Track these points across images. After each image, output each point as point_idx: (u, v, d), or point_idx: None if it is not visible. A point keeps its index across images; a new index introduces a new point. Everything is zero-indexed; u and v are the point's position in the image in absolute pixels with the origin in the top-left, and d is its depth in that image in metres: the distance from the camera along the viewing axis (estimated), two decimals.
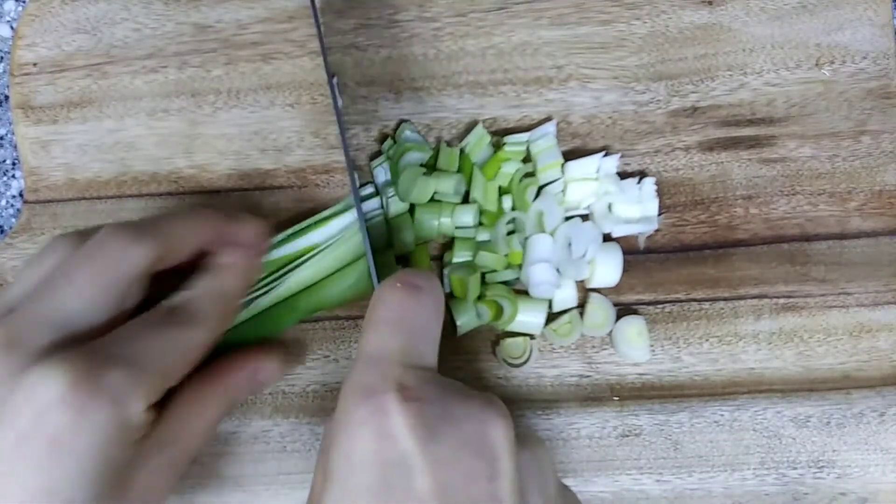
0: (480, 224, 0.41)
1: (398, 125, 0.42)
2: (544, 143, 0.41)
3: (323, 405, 0.41)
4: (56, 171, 0.43)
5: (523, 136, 0.41)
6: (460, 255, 0.40)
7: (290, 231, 0.39)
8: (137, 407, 0.29)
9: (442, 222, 0.40)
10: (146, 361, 0.30)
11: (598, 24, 0.42)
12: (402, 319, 0.31)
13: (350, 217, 0.39)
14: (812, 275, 0.41)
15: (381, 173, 0.41)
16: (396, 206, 0.40)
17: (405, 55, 0.43)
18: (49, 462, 0.28)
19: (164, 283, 0.34)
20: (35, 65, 0.44)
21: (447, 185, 0.40)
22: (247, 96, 0.43)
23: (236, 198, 0.42)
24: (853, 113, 0.42)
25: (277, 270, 0.39)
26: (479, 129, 0.41)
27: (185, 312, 0.33)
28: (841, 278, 0.41)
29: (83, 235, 0.33)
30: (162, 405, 0.32)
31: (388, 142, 0.42)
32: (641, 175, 0.42)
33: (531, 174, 0.41)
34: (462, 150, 0.41)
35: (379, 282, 0.34)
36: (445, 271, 0.40)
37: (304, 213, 0.42)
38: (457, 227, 0.40)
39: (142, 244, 0.32)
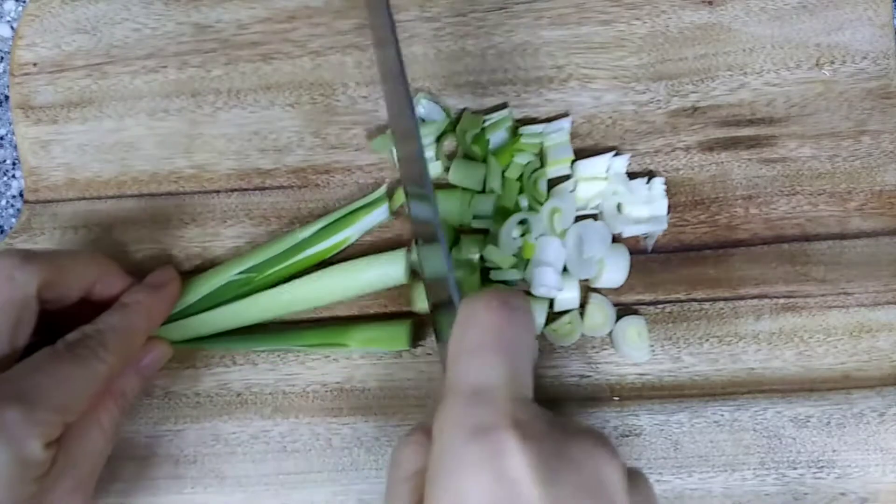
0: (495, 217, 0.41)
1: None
2: (558, 137, 0.41)
3: (323, 405, 0.41)
4: (56, 170, 0.43)
5: (538, 128, 0.41)
6: (468, 252, 0.40)
7: (321, 224, 0.40)
8: (35, 445, 0.29)
9: (461, 209, 0.40)
10: (44, 398, 0.30)
11: (598, 24, 0.42)
12: (503, 344, 0.28)
13: (382, 213, 0.40)
14: (812, 275, 0.41)
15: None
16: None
17: (406, 55, 0.43)
18: None
19: (62, 330, 0.34)
20: (35, 65, 0.43)
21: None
22: (247, 96, 0.43)
23: (236, 198, 0.42)
24: (853, 113, 0.42)
25: (311, 266, 0.40)
26: (505, 111, 0.41)
27: (86, 347, 0.33)
28: (841, 278, 0.41)
29: None
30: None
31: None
32: (650, 175, 0.42)
33: (539, 168, 0.41)
34: (483, 129, 0.41)
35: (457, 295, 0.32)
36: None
37: (303, 214, 0.42)
38: (474, 217, 0.40)
39: (28, 268, 0.32)
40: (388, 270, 0.39)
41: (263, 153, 0.43)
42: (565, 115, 0.42)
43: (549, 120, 0.42)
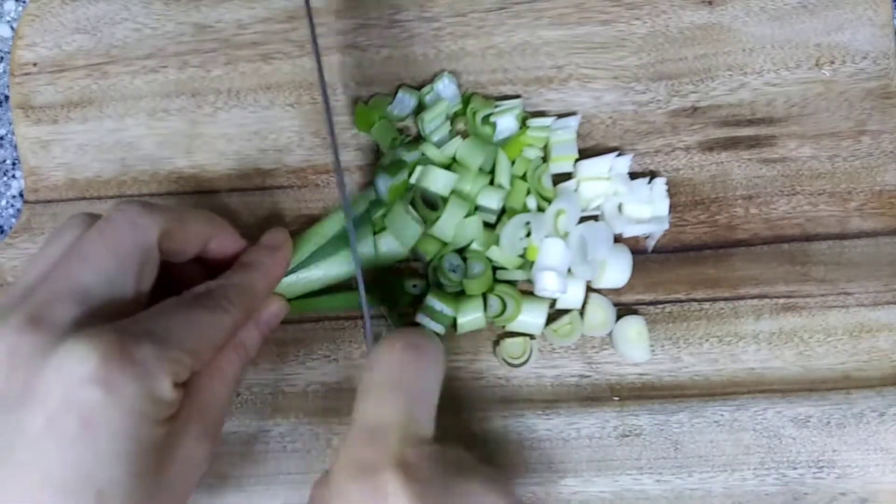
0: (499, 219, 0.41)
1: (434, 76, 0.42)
2: (564, 134, 0.41)
3: (323, 405, 0.41)
4: (56, 170, 0.43)
5: (547, 121, 0.41)
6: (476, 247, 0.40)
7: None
8: (166, 383, 0.29)
9: (469, 191, 0.40)
10: (174, 339, 0.30)
11: (598, 24, 0.42)
12: (403, 384, 0.29)
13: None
14: (812, 275, 0.41)
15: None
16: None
17: (405, 55, 0.43)
18: (82, 443, 0.27)
19: (181, 289, 0.34)
20: (35, 65, 0.44)
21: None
22: (247, 96, 0.43)
23: (236, 198, 0.42)
24: (853, 113, 0.42)
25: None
26: (517, 101, 0.41)
27: (212, 299, 0.33)
28: (841, 278, 0.41)
29: (94, 216, 0.34)
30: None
31: (427, 87, 0.42)
32: (651, 175, 0.42)
33: (543, 164, 0.41)
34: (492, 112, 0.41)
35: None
36: (448, 264, 0.40)
37: (304, 214, 0.42)
38: (479, 209, 0.40)
39: (150, 216, 0.33)
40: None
41: (263, 153, 0.43)
42: (572, 114, 0.42)
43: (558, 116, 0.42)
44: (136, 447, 0.28)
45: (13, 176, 0.46)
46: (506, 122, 0.41)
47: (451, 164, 0.41)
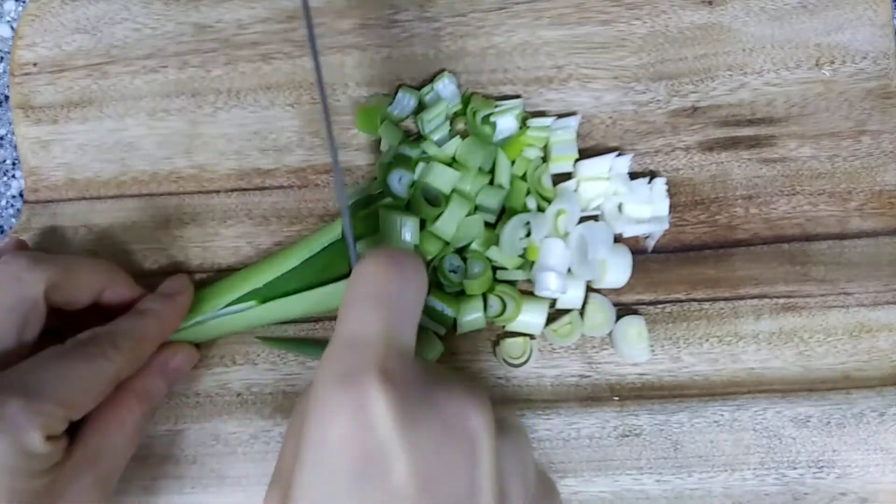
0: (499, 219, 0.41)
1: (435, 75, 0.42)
2: (564, 134, 0.41)
3: None
4: (56, 170, 0.43)
5: (547, 121, 0.41)
6: (476, 245, 0.40)
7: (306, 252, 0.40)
8: (35, 436, 0.29)
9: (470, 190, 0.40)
10: (46, 391, 0.30)
11: (598, 24, 0.42)
12: (385, 296, 0.29)
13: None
14: (812, 275, 0.41)
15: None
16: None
17: (405, 55, 0.43)
18: None
19: (75, 334, 0.34)
20: (35, 65, 0.44)
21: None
22: (247, 96, 0.43)
23: (236, 198, 0.42)
24: (853, 113, 0.42)
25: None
26: (518, 101, 0.42)
27: (95, 346, 0.34)
28: (841, 278, 0.41)
29: None
30: (76, 425, 0.32)
31: (427, 87, 0.42)
32: (652, 175, 0.42)
33: (543, 164, 0.41)
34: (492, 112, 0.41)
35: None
36: (449, 264, 0.40)
37: (304, 214, 0.42)
38: (478, 208, 0.40)
39: (36, 270, 0.34)
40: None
41: (263, 153, 0.43)
42: (573, 114, 0.42)
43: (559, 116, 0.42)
44: (11, 500, 0.29)
45: (13, 176, 0.46)
46: (506, 122, 0.41)
47: (451, 164, 0.41)
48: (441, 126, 0.41)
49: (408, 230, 0.39)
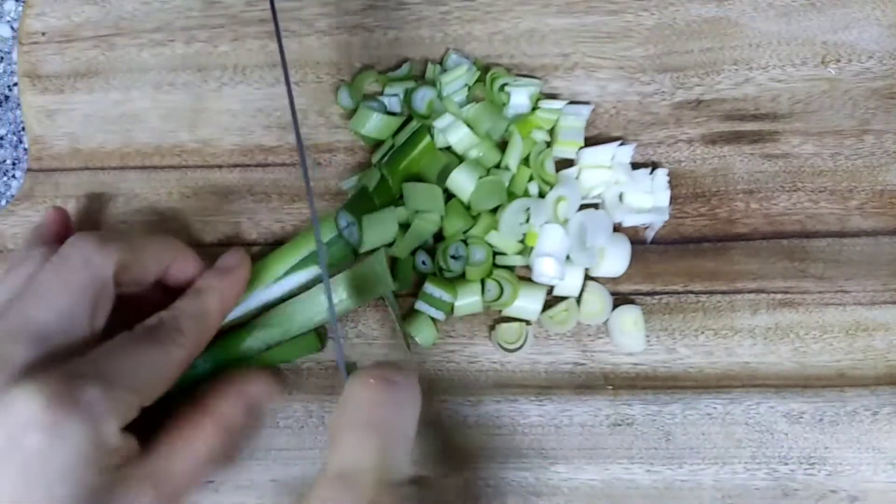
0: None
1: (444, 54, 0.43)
2: (574, 120, 0.41)
3: (317, 383, 0.41)
4: (60, 140, 0.43)
5: (559, 104, 0.41)
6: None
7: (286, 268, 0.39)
8: (112, 425, 0.29)
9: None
10: (122, 379, 0.30)
11: (605, 13, 0.43)
12: (376, 423, 0.28)
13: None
14: (810, 271, 0.41)
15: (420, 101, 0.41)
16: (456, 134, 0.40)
17: (412, 38, 0.43)
18: (23, 486, 0.27)
19: (138, 316, 0.34)
20: (44, 34, 0.44)
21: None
22: (252, 73, 0.43)
23: (238, 173, 0.43)
24: (857, 112, 0.42)
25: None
26: (536, 81, 0.42)
27: (163, 331, 0.33)
28: (839, 276, 0.41)
29: (52, 248, 0.34)
30: (147, 437, 0.32)
31: (433, 67, 0.42)
32: (654, 166, 0.42)
33: (548, 145, 0.41)
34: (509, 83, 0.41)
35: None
36: (454, 249, 0.40)
37: (305, 191, 0.42)
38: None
39: (105, 250, 0.33)
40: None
41: (267, 130, 0.43)
42: (586, 103, 0.42)
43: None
44: (78, 493, 0.28)
45: (13, 176, 0.46)
46: (520, 97, 0.41)
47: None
48: (460, 90, 0.41)
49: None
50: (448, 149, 0.41)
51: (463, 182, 0.39)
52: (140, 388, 0.30)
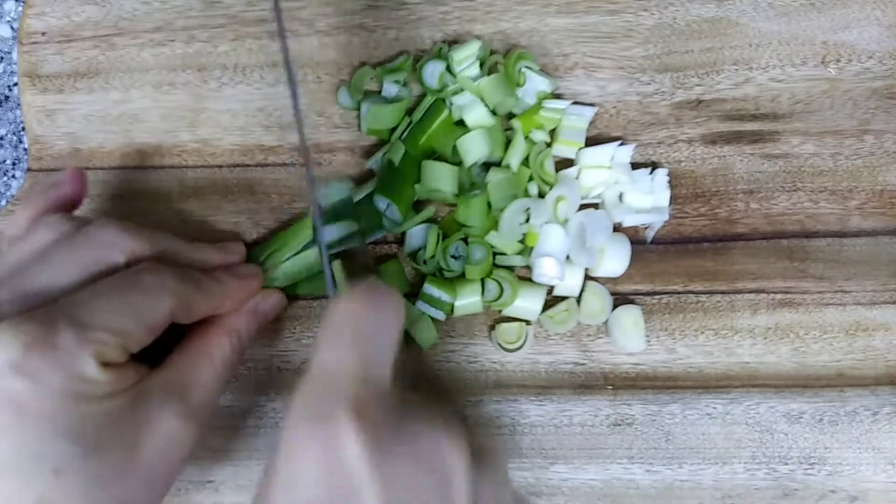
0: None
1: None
2: (576, 121, 0.41)
3: None
4: (60, 140, 0.43)
5: (563, 104, 0.41)
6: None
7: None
8: (91, 364, 0.30)
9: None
10: (98, 321, 0.31)
11: (605, 13, 0.43)
12: (357, 333, 0.29)
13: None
14: (810, 271, 0.41)
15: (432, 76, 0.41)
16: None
17: (412, 38, 0.43)
18: (20, 428, 0.28)
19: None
20: (44, 34, 0.44)
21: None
22: (253, 73, 0.43)
23: (238, 173, 0.43)
24: (857, 112, 0.42)
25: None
26: (551, 79, 0.42)
27: (151, 276, 0.34)
28: (839, 276, 0.41)
29: (71, 219, 0.35)
30: (167, 352, 0.34)
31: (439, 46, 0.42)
32: (653, 166, 0.42)
33: (548, 145, 0.41)
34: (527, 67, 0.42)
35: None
36: (454, 249, 0.40)
37: (304, 191, 0.42)
38: (472, 185, 0.41)
39: (125, 238, 0.34)
40: None
41: (267, 130, 0.43)
42: (591, 105, 0.42)
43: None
44: (81, 423, 0.29)
45: (13, 176, 0.46)
46: (534, 85, 0.41)
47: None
48: (473, 65, 0.41)
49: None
50: (460, 122, 0.41)
51: (475, 143, 0.40)
52: (118, 330, 0.31)
